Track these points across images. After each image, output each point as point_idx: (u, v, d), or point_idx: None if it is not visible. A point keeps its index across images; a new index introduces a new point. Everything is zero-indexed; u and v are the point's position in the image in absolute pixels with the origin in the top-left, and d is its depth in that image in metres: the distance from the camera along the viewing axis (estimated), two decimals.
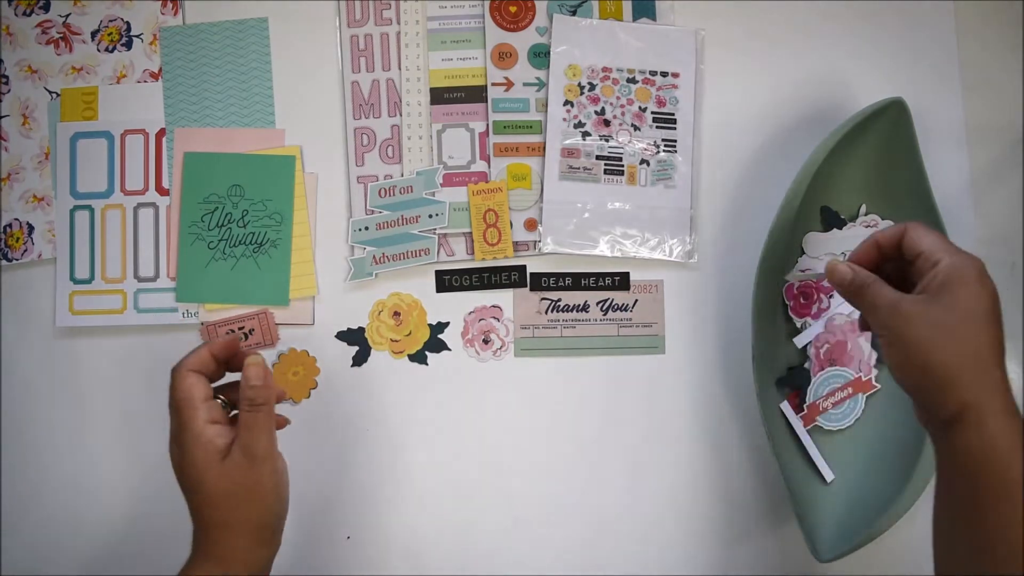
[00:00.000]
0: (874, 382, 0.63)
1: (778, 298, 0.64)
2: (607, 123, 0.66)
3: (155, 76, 0.68)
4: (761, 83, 0.67)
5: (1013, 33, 0.67)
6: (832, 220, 0.64)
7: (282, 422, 0.56)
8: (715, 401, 0.66)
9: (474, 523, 0.66)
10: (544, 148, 0.66)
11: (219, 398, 0.55)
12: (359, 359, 0.67)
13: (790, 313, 0.64)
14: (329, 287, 0.67)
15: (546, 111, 0.66)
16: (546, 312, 0.66)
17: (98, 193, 0.67)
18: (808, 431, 0.63)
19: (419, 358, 0.67)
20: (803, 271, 0.63)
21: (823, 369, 0.63)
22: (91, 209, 0.67)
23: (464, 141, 0.67)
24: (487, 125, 0.66)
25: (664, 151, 0.66)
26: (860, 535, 0.58)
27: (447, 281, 0.67)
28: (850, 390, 0.63)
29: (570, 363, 0.66)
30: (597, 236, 0.65)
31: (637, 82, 0.66)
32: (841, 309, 0.64)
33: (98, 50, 0.68)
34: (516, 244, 0.66)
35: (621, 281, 0.67)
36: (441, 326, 0.67)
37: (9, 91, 0.68)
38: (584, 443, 0.66)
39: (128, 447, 0.66)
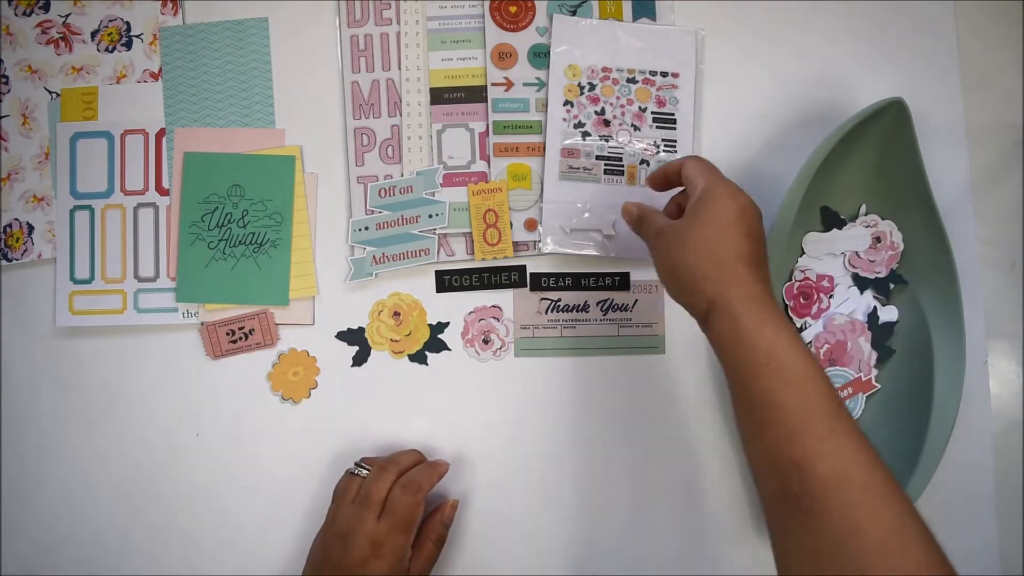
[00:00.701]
0: (874, 382, 0.63)
1: (779, 292, 0.64)
2: (607, 123, 0.66)
3: (155, 76, 0.68)
4: (761, 83, 0.67)
5: (1013, 33, 0.67)
6: (832, 220, 0.64)
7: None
8: (715, 401, 0.66)
9: (474, 523, 0.66)
10: (544, 148, 0.66)
11: (363, 467, 0.61)
12: (359, 359, 0.67)
13: (790, 313, 0.64)
14: (329, 287, 0.67)
15: (546, 111, 0.66)
16: (546, 312, 0.66)
17: (98, 193, 0.67)
18: None
19: (419, 358, 0.67)
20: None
21: (823, 369, 0.63)
22: (91, 209, 0.67)
23: (464, 141, 0.67)
24: (487, 125, 0.66)
25: (664, 151, 0.66)
26: None
27: (447, 281, 0.67)
28: (850, 390, 0.63)
29: (570, 363, 0.66)
30: (597, 236, 0.65)
31: (637, 82, 0.66)
32: (841, 309, 0.64)
33: (98, 50, 0.68)
34: (516, 244, 0.66)
35: (621, 281, 0.67)
36: (441, 326, 0.67)
37: (9, 91, 0.68)
38: (584, 443, 0.66)
39: (128, 447, 0.66)
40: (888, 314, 0.64)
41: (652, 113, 0.66)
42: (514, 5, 0.67)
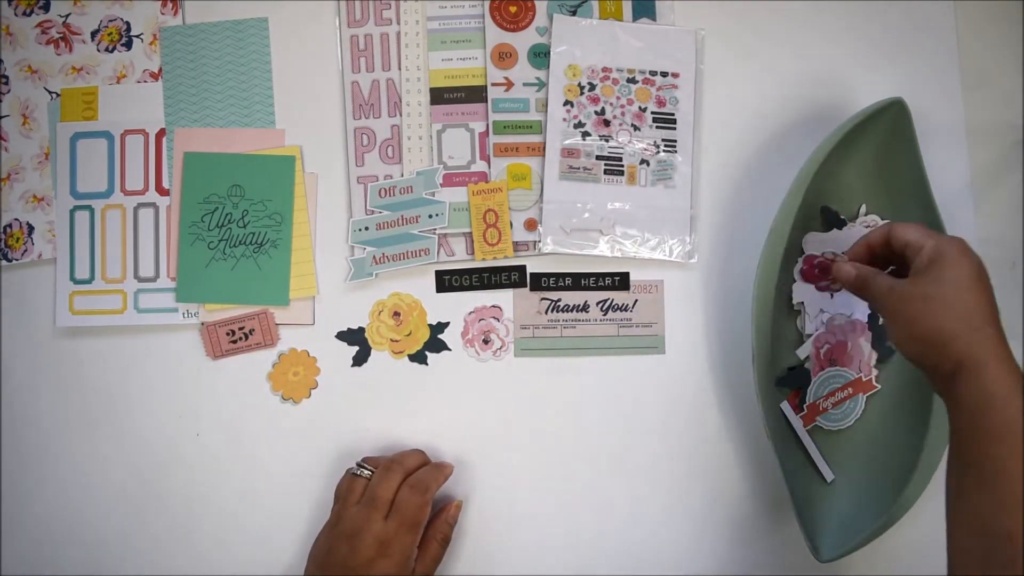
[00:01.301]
0: (875, 382, 0.63)
1: (779, 298, 0.64)
2: (607, 123, 0.66)
3: (155, 76, 0.68)
4: (761, 83, 0.67)
5: (1013, 33, 0.67)
6: (832, 220, 0.64)
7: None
8: (715, 401, 0.66)
9: (474, 523, 0.66)
10: (544, 148, 0.66)
11: (365, 468, 0.61)
12: (359, 359, 0.67)
13: (803, 278, 0.64)
14: (329, 287, 0.67)
15: (546, 111, 0.66)
16: (546, 312, 0.66)
17: (98, 193, 0.67)
18: (808, 431, 0.63)
19: (419, 358, 0.67)
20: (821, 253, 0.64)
21: (823, 369, 0.64)
22: (91, 209, 0.67)
23: (464, 141, 0.67)
24: (487, 125, 0.66)
25: (664, 151, 0.66)
26: (860, 535, 0.58)
27: (447, 281, 0.67)
28: (850, 390, 0.63)
29: (570, 363, 0.66)
30: (597, 236, 0.65)
31: (637, 82, 0.66)
32: (843, 310, 0.64)
33: (98, 50, 0.68)
34: (516, 244, 0.66)
35: (621, 281, 0.67)
36: (441, 326, 0.67)
37: (9, 91, 0.68)
38: (584, 443, 0.66)
39: (128, 447, 0.66)
40: None
41: (652, 113, 0.66)
42: (514, 5, 0.67)
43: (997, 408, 0.44)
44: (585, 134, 0.66)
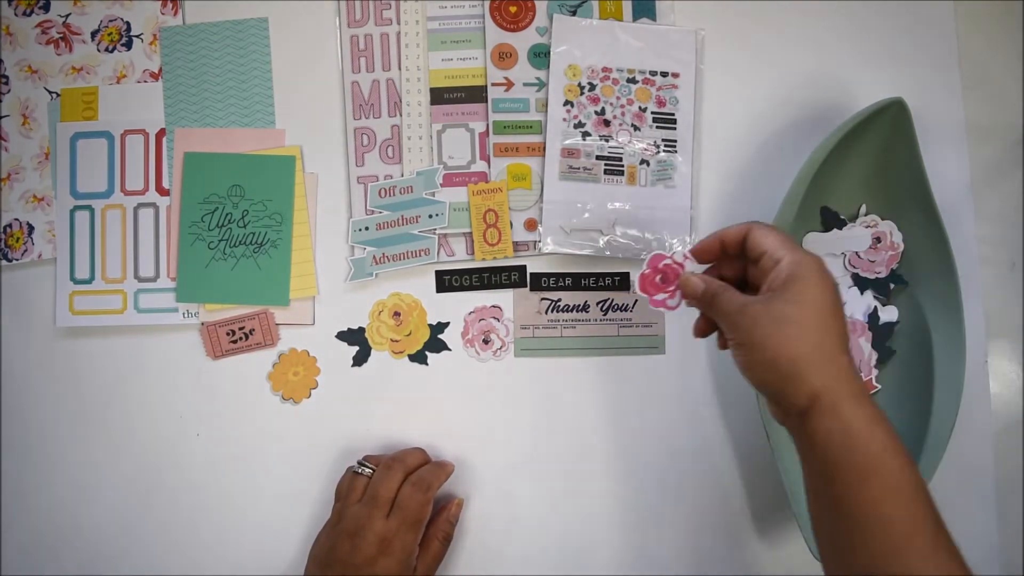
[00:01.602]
0: (874, 382, 0.63)
1: None
2: (607, 123, 0.66)
3: (155, 76, 0.68)
4: (761, 83, 0.67)
5: (1013, 33, 0.67)
6: (832, 220, 0.64)
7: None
8: (715, 401, 0.66)
9: (474, 522, 0.66)
10: (544, 148, 0.66)
11: (367, 466, 0.61)
12: (359, 359, 0.67)
13: (640, 286, 0.56)
14: (329, 287, 0.67)
15: (546, 111, 0.66)
16: (546, 312, 0.66)
17: (98, 193, 0.67)
18: None
19: (419, 358, 0.67)
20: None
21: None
22: (91, 209, 0.67)
23: (464, 141, 0.67)
24: (487, 125, 0.66)
25: (664, 151, 0.66)
26: None
27: (447, 281, 0.67)
28: None
29: (570, 363, 0.66)
30: (597, 236, 0.65)
31: (637, 82, 0.66)
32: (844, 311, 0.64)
33: (98, 50, 0.68)
34: (516, 244, 0.66)
35: (621, 281, 0.67)
36: (441, 326, 0.67)
37: (9, 91, 0.68)
38: (584, 443, 0.66)
39: (128, 447, 0.66)
40: (888, 314, 0.64)
41: (652, 113, 0.66)
42: (514, 5, 0.67)
43: (859, 446, 0.41)
44: (585, 134, 0.66)
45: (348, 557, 0.56)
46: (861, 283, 0.64)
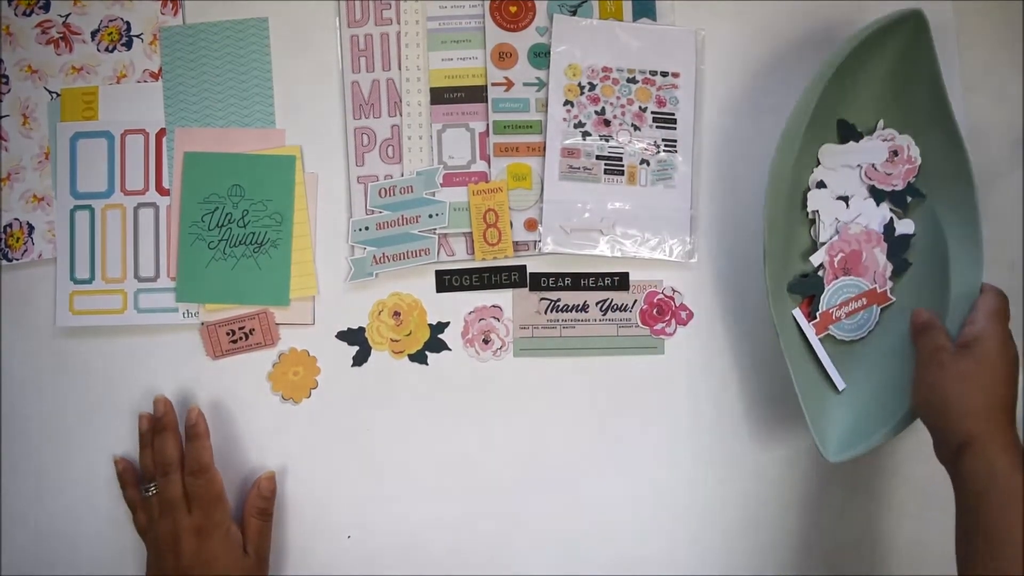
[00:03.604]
0: (889, 295, 0.62)
1: (791, 205, 0.63)
2: (607, 123, 0.66)
3: (155, 76, 0.68)
4: (761, 83, 0.67)
5: (1013, 33, 0.67)
6: (848, 133, 0.63)
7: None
8: (715, 401, 0.66)
9: (474, 523, 0.66)
10: (544, 148, 0.66)
11: (150, 487, 0.62)
12: (359, 359, 0.67)
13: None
14: (329, 287, 0.67)
15: (546, 111, 0.66)
16: (546, 312, 0.66)
17: (98, 193, 0.67)
18: (820, 339, 0.62)
19: (419, 358, 0.67)
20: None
21: (837, 278, 0.62)
22: (91, 209, 0.67)
23: (464, 141, 0.67)
24: (487, 125, 0.66)
25: (664, 151, 0.66)
26: (867, 441, 0.58)
27: (447, 281, 0.67)
28: (864, 301, 0.62)
29: (570, 363, 0.66)
30: (597, 236, 0.65)
31: (637, 82, 0.66)
32: (859, 220, 0.63)
33: (98, 50, 0.68)
34: (516, 244, 0.66)
35: (621, 281, 0.67)
36: (441, 326, 0.67)
37: (9, 91, 0.68)
38: (584, 443, 0.66)
39: (128, 447, 0.66)
40: (905, 227, 0.63)
41: (652, 113, 0.66)
42: (514, 5, 0.67)
43: (1000, 485, 0.49)
44: (585, 134, 0.66)
45: (176, 565, 0.58)
46: (877, 195, 0.63)
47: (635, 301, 0.67)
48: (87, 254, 0.67)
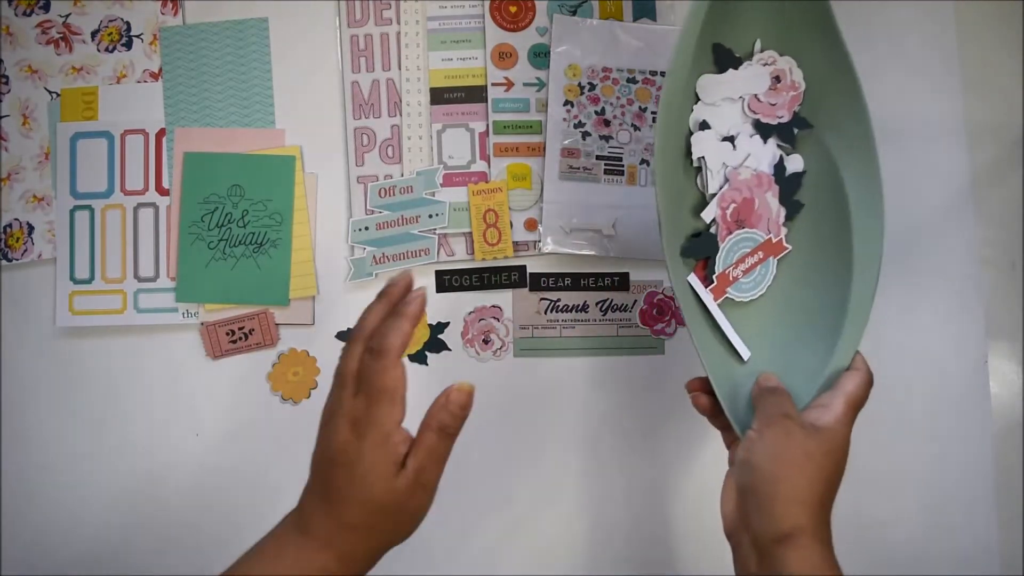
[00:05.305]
0: (785, 243, 0.55)
1: (675, 153, 0.55)
2: (607, 123, 0.66)
3: (155, 76, 0.68)
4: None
5: (1013, 33, 0.67)
6: (726, 59, 0.55)
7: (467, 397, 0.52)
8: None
9: (474, 523, 0.66)
10: (544, 148, 0.66)
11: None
12: None
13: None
14: (329, 287, 0.67)
15: (546, 111, 0.66)
16: (545, 312, 0.66)
17: (98, 193, 0.67)
18: (719, 305, 0.54)
19: (419, 358, 0.67)
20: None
21: (731, 233, 0.54)
22: (91, 209, 0.67)
23: (464, 141, 0.67)
24: (487, 125, 0.66)
25: None
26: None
27: (447, 281, 0.67)
28: (761, 254, 0.55)
29: (570, 363, 0.66)
30: (597, 236, 0.65)
31: (637, 82, 0.66)
32: (748, 163, 0.55)
33: (98, 50, 0.68)
34: (516, 244, 0.66)
35: (621, 281, 0.67)
36: (441, 326, 0.67)
37: (9, 91, 0.68)
38: (584, 443, 0.66)
39: (128, 447, 0.66)
40: (794, 164, 0.56)
41: (652, 113, 0.66)
42: (514, 5, 0.67)
43: None
44: (585, 134, 0.66)
45: (325, 448, 0.48)
46: (764, 130, 0.55)
47: (635, 301, 0.67)
48: (87, 254, 0.67)
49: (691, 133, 0.55)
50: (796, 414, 0.49)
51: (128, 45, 0.68)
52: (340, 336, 0.67)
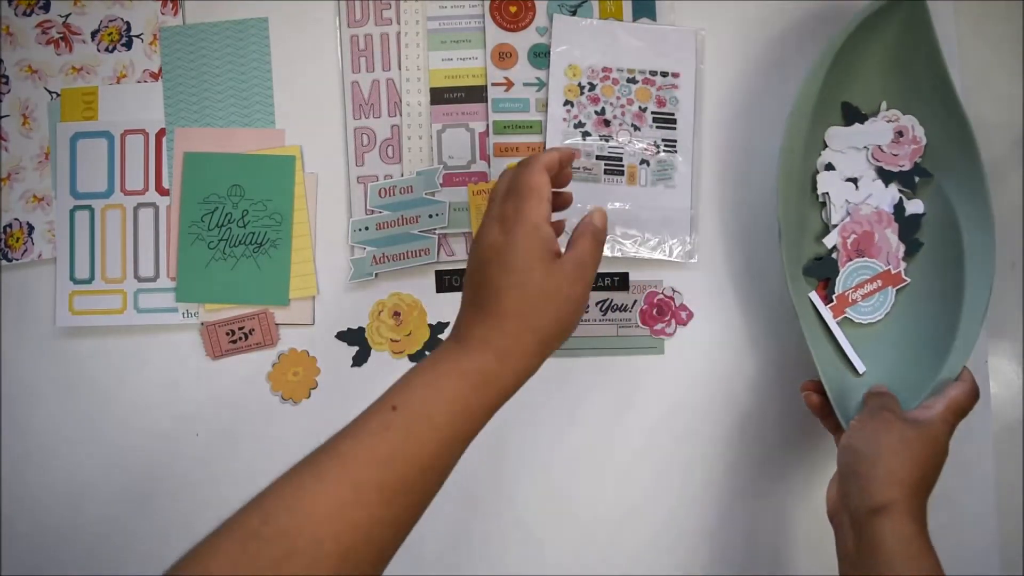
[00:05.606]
0: (904, 275, 0.62)
1: (801, 189, 0.63)
2: (607, 123, 0.66)
3: (155, 76, 0.68)
4: (761, 83, 0.67)
5: (1013, 33, 0.67)
6: (853, 115, 0.63)
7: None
8: (715, 402, 0.66)
9: (474, 523, 0.66)
10: (544, 148, 0.66)
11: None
12: (359, 359, 0.67)
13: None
14: (329, 287, 0.67)
15: (546, 111, 0.66)
16: None
17: (98, 193, 0.67)
18: (838, 323, 0.62)
19: (419, 358, 0.67)
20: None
21: (851, 260, 0.62)
22: (91, 209, 0.67)
23: (464, 141, 0.67)
24: (487, 125, 0.66)
25: (664, 151, 0.66)
26: None
27: (447, 281, 0.67)
28: (879, 283, 0.62)
29: (570, 363, 0.66)
30: None
31: (637, 82, 0.66)
32: (869, 201, 0.63)
33: (98, 50, 0.68)
34: None
35: (621, 281, 0.67)
36: (441, 326, 0.67)
37: (9, 91, 0.68)
38: (583, 444, 0.66)
39: (128, 447, 0.66)
40: (914, 207, 0.63)
41: (652, 113, 0.66)
42: (514, 5, 0.67)
43: (913, 553, 0.49)
44: (585, 134, 0.66)
45: (475, 257, 0.49)
46: (885, 176, 0.63)
47: (635, 301, 0.67)
48: (87, 254, 0.67)
49: (816, 172, 0.63)
50: (899, 410, 0.55)
51: (128, 45, 0.68)
52: (340, 336, 0.67)
